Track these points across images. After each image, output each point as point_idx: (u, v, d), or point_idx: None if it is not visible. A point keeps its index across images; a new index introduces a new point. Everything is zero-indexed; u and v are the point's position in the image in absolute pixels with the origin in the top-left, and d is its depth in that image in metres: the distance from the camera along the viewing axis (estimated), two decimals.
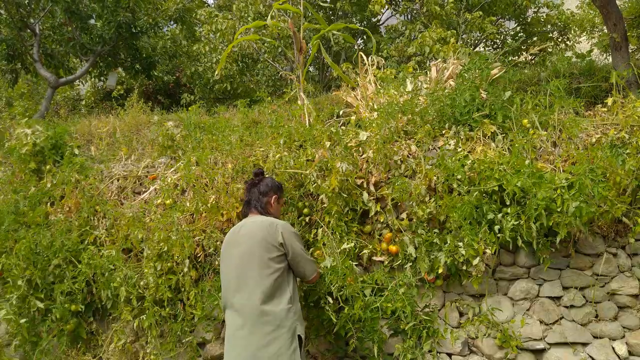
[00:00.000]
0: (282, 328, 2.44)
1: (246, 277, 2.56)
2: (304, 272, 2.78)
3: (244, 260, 2.60)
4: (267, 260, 2.57)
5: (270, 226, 2.68)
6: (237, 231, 2.76)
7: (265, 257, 2.57)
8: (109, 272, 3.61)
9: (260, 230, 2.66)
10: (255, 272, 2.55)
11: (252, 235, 2.66)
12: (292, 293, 2.60)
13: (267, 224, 2.70)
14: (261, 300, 2.48)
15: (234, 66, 8.76)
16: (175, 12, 8.47)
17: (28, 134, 4.39)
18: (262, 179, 2.99)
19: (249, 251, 2.60)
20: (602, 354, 3.10)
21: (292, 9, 4.79)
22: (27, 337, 3.66)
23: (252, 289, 2.52)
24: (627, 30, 6.05)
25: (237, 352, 2.45)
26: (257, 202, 2.89)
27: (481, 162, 3.19)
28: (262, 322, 2.44)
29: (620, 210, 2.98)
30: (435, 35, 7.06)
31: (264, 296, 2.49)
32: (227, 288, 2.64)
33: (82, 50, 8.01)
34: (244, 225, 2.76)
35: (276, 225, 2.70)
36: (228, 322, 2.59)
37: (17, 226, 3.95)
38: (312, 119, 4.19)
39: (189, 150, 4.20)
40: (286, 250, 2.66)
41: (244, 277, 2.57)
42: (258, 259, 2.57)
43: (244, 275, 2.57)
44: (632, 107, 3.40)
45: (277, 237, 2.64)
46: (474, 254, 3.03)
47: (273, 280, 2.54)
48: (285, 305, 2.51)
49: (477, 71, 3.85)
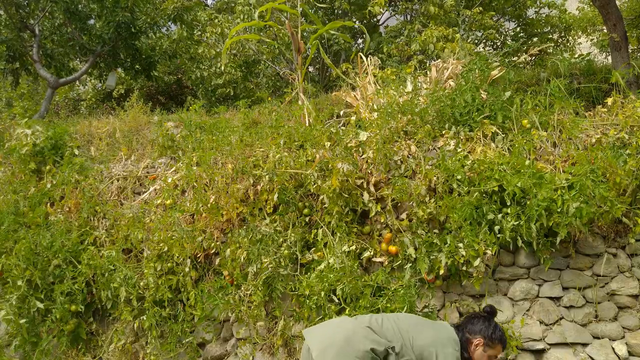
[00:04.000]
0: None
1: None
2: None
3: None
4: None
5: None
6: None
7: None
8: (108, 272, 3.61)
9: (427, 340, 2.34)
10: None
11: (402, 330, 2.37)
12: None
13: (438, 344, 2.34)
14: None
15: (238, 72, 8.75)
16: (174, 11, 8.46)
17: (28, 134, 4.39)
18: (484, 319, 2.59)
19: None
20: (602, 355, 3.10)
21: (289, 10, 4.79)
22: (27, 337, 3.66)
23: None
24: (627, 30, 6.05)
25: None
26: (463, 334, 2.53)
27: (481, 163, 3.19)
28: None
29: (620, 211, 2.98)
30: (438, 32, 7.06)
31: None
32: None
33: (82, 50, 8.00)
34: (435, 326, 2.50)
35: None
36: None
37: (17, 226, 3.94)
38: (312, 119, 4.19)
39: (189, 150, 4.20)
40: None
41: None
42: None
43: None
44: (632, 108, 3.41)
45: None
46: (475, 255, 3.03)
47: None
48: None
49: (477, 72, 3.85)
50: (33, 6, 7.62)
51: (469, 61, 4.21)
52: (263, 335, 3.46)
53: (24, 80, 9.03)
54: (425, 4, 8.17)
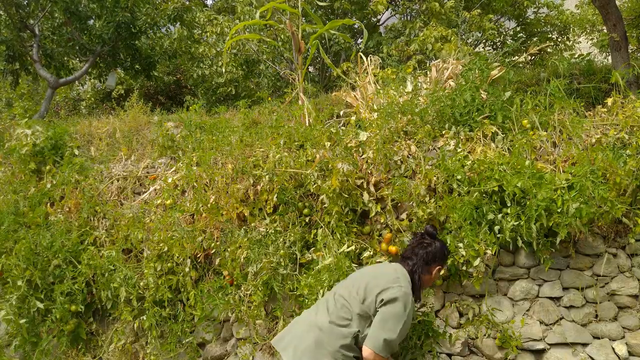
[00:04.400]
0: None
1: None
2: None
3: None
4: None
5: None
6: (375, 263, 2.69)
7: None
8: (108, 272, 3.61)
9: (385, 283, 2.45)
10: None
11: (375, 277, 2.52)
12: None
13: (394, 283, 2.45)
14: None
15: (239, 71, 8.76)
16: (174, 11, 8.45)
17: (28, 134, 4.39)
18: (433, 243, 2.71)
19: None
20: (602, 355, 3.10)
21: (290, 9, 4.79)
22: (27, 337, 3.66)
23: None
24: (627, 30, 6.06)
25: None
26: (419, 268, 2.63)
27: (481, 163, 3.19)
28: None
29: (620, 211, 2.98)
30: (437, 33, 7.07)
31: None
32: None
33: (82, 50, 8.00)
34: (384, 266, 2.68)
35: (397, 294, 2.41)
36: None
37: (17, 226, 3.94)
38: (312, 119, 4.19)
39: (189, 150, 4.20)
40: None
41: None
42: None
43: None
44: (632, 108, 3.41)
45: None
46: (474, 255, 3.03)
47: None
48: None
49: (477, 71, 3.85)
50: (33, 6, 7.62)
51: (469, 61, 4.21)
52: (263, 335, 3.47)
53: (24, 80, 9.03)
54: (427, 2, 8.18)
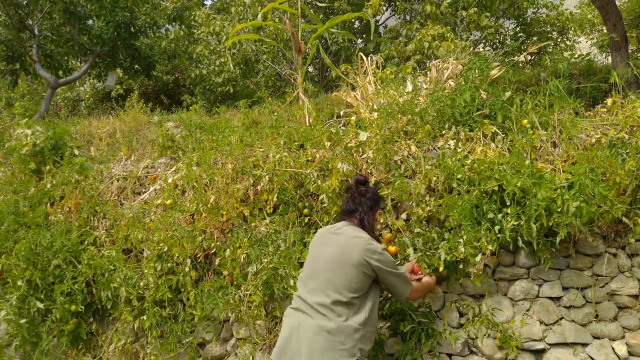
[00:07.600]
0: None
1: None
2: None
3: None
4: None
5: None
6: (332, 232, 2.67)
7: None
8: (108, 272, 3.61)
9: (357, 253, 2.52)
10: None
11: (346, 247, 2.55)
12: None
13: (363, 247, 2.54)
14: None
15: (237, 70, 8.77)
16: (174, 11, 8.46)
17: (28, 134, 4.39)
18: (368, 189, 2.82)
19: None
20: (602, 355, 3.10)
21: (289, 10, 4.79)
22: (27, 337, 3.66)
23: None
24: (627, 30, 6.06)
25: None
26: (366, 215, 2.74)
27: (481, 162, 3.19)
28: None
29: (620, 211, 2.98)
30: (434, 31, 7.08)
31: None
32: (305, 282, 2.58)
33: (81, 50, 8.00)
34: (339, 236, 2.64)
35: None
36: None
37: (17, 226, 3.95)
38: (312, 119, 4.19)
39: (189, 150, 4.20)
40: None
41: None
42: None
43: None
44: (631, 108, 3.41)
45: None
46: (474, 252, 3.03)
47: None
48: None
49: (476, 71, 3.85)
50: (32, 6, 7.62)
51: (469, 61, 4.22)
52: (263, 335, 3.47)
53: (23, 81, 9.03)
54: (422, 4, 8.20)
